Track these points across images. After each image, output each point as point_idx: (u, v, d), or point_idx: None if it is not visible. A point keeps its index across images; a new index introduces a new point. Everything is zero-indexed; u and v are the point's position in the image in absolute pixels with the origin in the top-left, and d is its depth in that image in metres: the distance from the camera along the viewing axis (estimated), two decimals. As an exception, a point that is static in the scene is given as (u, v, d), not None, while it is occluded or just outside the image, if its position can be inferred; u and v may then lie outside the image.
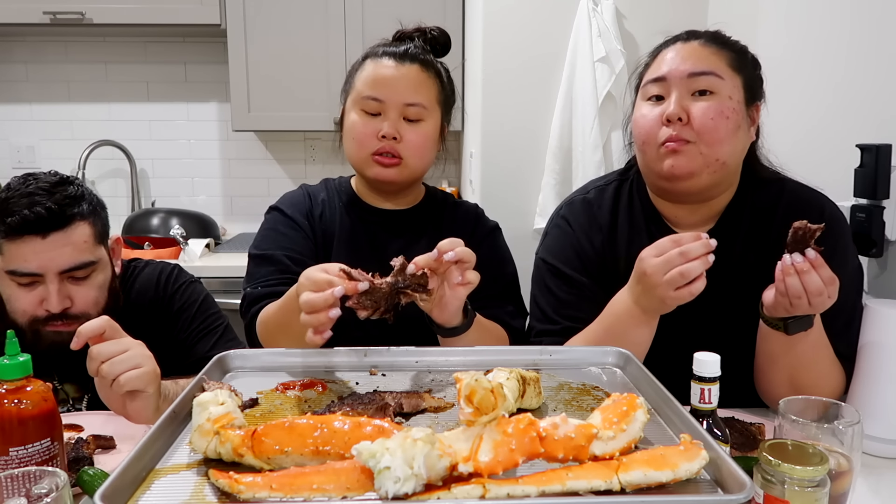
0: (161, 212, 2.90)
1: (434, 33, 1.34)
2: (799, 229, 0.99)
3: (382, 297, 0.97)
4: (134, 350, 1.03)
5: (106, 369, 1.00)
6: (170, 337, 1.37)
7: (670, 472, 0.67)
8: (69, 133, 3.13)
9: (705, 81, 1.13)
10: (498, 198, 2.23)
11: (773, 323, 1.08)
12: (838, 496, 0.83)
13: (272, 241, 1.32)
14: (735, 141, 1.14)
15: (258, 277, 1.29)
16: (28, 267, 1.20)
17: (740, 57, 1.18)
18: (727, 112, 1.12)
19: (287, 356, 1.06)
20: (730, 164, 1.16)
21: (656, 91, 1.17)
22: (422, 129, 1.28)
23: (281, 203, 1.38)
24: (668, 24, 2.18)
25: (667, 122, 1.14)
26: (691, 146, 1.13)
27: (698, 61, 1.14)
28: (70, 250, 1.22)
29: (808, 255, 0.99)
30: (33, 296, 1.23)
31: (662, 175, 1.17)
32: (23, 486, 0.70)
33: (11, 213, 1.19)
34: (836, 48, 1.55)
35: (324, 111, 2.80)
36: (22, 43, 3.09)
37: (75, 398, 1.33)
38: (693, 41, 1.18)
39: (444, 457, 0.65)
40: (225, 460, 0.73)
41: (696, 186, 1.17)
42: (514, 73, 2.23)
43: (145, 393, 1.03)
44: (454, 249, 1.00)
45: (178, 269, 1.46)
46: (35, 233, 1.19)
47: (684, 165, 1.14)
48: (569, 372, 1.04)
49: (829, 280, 1.00)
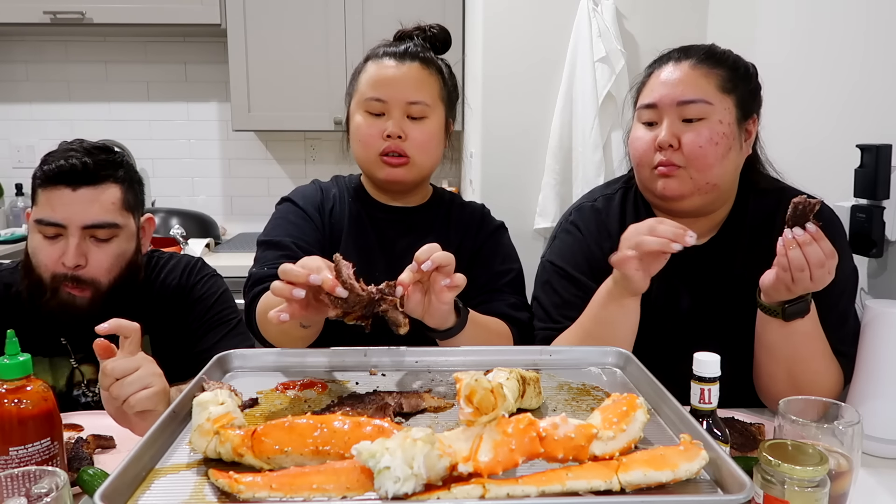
0: (161, 211, 2.90)
1: (434, 31, 1.35)
2: (798, 204, 1.02)
3: (358, 304, 0.95)
4: (145, 368, 1.02)
5: (117, 391, 0.99)
6: (184, 325, 1.39)
7: (670, 472, 0.67)
8: (69, 133, 3.13)
9: (695, 109, 1.16)
10: (498, 198, 2.23)
11: (771, 309, 1.10)
12: (838, 496, 0.83)
13: (282, 229, 1.32)
14: (726, 163, 1.17)
15: (265, 261, 1.29)
16: (54, 216, 1.23)
17: (732, 74, 1.19)
18: (716, 138, 1.15)
19: (287, 356, 1.06)
20: (721, 184, 1.19)
21: (649, 117, 1.22)
22: (426, 127, 1.29)
23: (293, 195, 1.39)
24: (669, 24, 2.21)
25: (658, 148, 1.18)
26: (682, 171, 1.17)
27: (687, 88, 1.17)
28: (97, 208, 1.25)
29: (809, 229, 1.01)
30: (54, 249, 1.25)
31: (656, 195, 1.22)
32: (23, 485, 0.70)
33: (45, 164, 1.25)
34: (836, 48, 1.55)
35: (324, 111, 2.80)
36: (22, 43, 3.09)
37: (91, 380, 1.34)
38: (685, 62, 1.20)
39: (443, 457, 0.65)
40: (225, 460, 0.73)
41: (689, 207, 1.21)
42: (514, 73, 2.23)
43: (154, 412, 1.03)
44: (430, 258, 0.98)
45: (201, 262, 1.49)
46: (66, 183, 1.23)
47: (675, 188, 1.18)
48: (569, 372, 1.04)
49: (830, 253, 1.02)
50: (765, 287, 1.09)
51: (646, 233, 1.07)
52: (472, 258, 1.36)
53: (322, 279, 0.92)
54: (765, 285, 1.09)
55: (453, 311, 1.10)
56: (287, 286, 0.93)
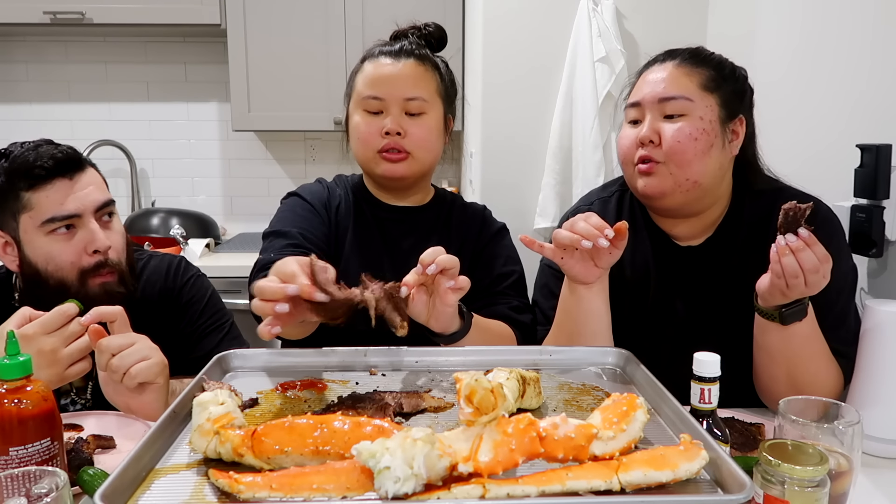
0: (161, 212, 2.90)
1: (429, 28, 1.35)
2: (789, 210, 1.02)
3: (341, 307, 0.92)
4: (141, 343, 1.04)
5: (116, 363, 1.00)
6: (176, 330, 1.37)
7: (670, 472, 0.67)
8: (69, 133, 3.13)
9: (675, 105, 1.17)
10: (498, 198, 2.23)
11: (769, 314, 1.10)
12: (838, 496, 0.83)
13: (289, 221, 1.32)
14: (707, 160, 1.17)
15: (271, 248, 1.27)
16: (66, 209, 1.20)
17: (716, 74, 1.20)
18: (696, 134, 1.16)
19: (287, 356, 1.06)
20: (703, 182, 1.19)
21: (633, 116, 1.23)
22: (424, 122, 1.29)
23: (300, 190, 1.39)
24: (669, 24, 2.21)
25: (640, 144, 1.19)
26: (661, 167, 1.18)
27: (669, 86, 1.19)
28: (95, 189, 1.24)
29: (802, 234, 1.01)
30: (75, 244, 1.22)
31: (638, 193, 1.24)
32: (23, 485, 0.70)
33: (32, 165, 1.19)
34: (836, 48, 1.55)
35: (324, 111, 2.80)
36: (22, 43, 3.09)
37: (79, 388, 1.32)
38: (669, 62, 1.22)
39: (444, 457, 0.65)
40: (225, 460, 0.73)
41: (671, 204, 1.22)
42: (514, 73, 2.23)
43: (155, 384, 1.04)
44: (435, 261, 0.99)
45: (185, 262, 1.46)
46: (64, 175, 1.21)
47: (655, 185, 1.19)
48: (569, 372, 1.04)
49: (824, 257, 1.02)
50: (760, 292, 1.09)
51: (568, 226, 1.09)
52: (473, 260, 1.35)
53: (299, 289, 0.88)
54: (760, 290, 1.09)
55: (457, 315, 1.10)
56: (268, 304, 0.90)
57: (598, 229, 1.07)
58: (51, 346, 1.02)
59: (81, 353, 1.05)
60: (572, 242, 1.08)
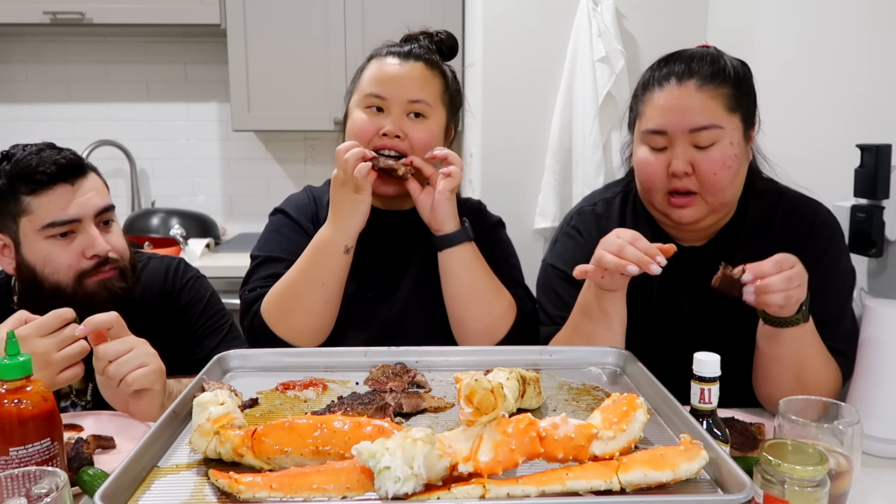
0: (161, 212, 2.90)
1: (441, 36, 1.34)
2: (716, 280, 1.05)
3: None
4: (139, 349, 1.03)
5: (113, 370, 1.00)
6: (176, 331, 1.37)
7: (670, 472, 0.67)
8: (69, 133, 3.13)
9: (707, 136, 1.14)
10: (498, 198, 2.22)
11: (782, 320, 1.09)
12: (838, 496, 0.83)
13: (275, 244, 1.33)
14: (737, 181, 1.19)
15: (254, 280, 1.30)
16: (67, 214, 1.21)
17: (737, 91, 1.17)
18: (729, 161, 1.15)
19: (287, 356, 1.06)
20: (733, 200, 1.22)
21: (659, 143, 1.18)
22: (426, 126, 1.27)
23: (286, 205, 1.38)
24: (669, 23, 2.21)
25: (672, 174, 1.17)
26: (697, 197, 1.17)
27: (699, 115, 1.14)
28: (96, 194, 1.25)
29: (747, 279, 1.02)
30: (73, 248, 1.22)
31: (671, 221, 1.22)
32: (23, 486, 0.70)
33: (34, 170, 1.20)
34: (836, 48, 1.55)
35: (324, 111, 2.80)
36: (22, 43, 3.09)
37: (79, 390, 1.32)
38: (689, 82, 1.16)
39: (444, 457, 0.65)
40: (225, 460, 0.73)
41: (702, 226, 1.23)
42: (514, 73, 2.23)
43: (152, 391, 1.04)
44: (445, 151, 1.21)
45: (184, 263, 1.46)
46: (65, 180, 1.21)
47: (691, 215, 1.19)
48: (569, 372, 1.04)
49: (778, 264, 1.02)
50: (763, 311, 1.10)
51: (615, 250, 1.06)
52: None
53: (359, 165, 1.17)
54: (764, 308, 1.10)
55: (455, 218, 1.23)
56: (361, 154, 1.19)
57: (651, 255, 1.05)
58: (44, 349, 1.01)
59: (74, 358, 1.05)
60: (618, 268, 1.06)
